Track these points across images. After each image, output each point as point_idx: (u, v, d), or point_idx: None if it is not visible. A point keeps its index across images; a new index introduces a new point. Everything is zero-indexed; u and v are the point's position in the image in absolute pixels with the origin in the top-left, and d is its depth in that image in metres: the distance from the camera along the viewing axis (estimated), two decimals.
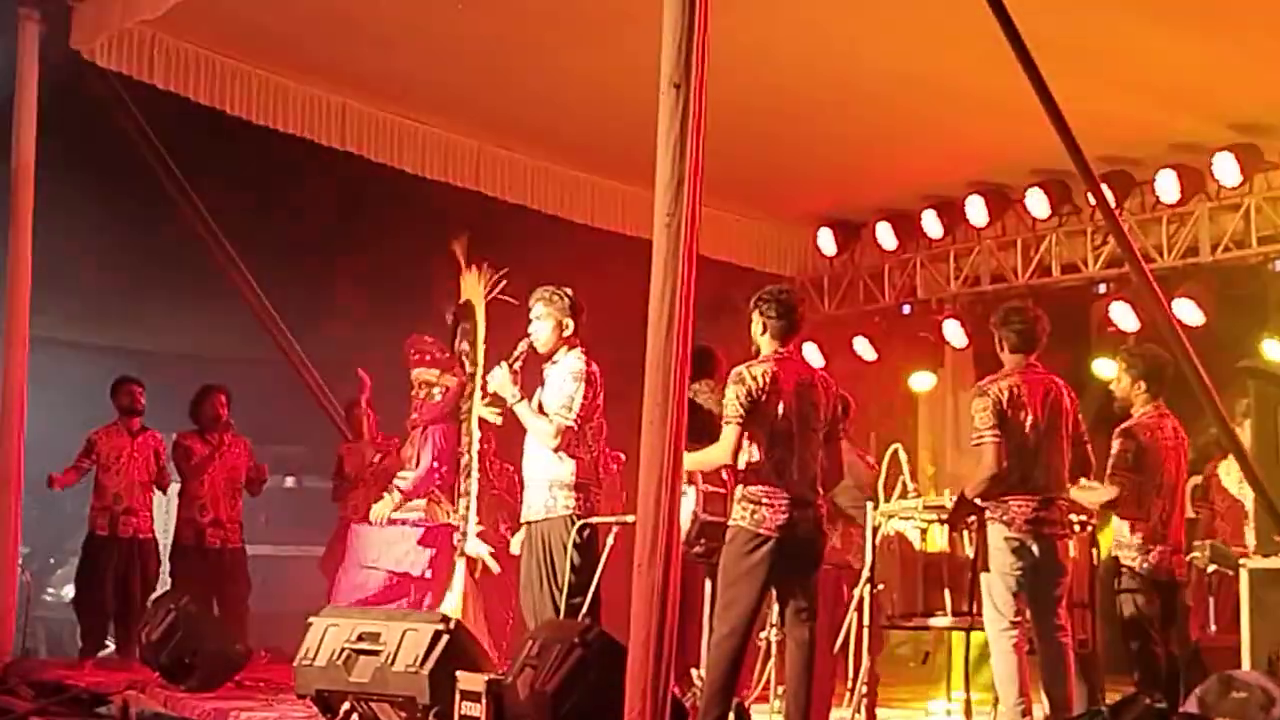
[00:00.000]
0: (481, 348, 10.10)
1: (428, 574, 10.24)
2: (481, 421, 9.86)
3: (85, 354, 14.63)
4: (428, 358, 10.81)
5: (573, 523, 8.39)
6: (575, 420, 8.42)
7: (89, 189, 12.38)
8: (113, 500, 11.81)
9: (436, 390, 10.63)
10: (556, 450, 8.46)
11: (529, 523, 8.62)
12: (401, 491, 10.41)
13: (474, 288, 10.60)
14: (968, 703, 8.22)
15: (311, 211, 12.68)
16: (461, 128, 13.00)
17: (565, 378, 8.53)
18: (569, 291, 8.74)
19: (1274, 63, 10.68)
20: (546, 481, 8.52)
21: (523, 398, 8.61)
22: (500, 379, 8.74)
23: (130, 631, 11.26)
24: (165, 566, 12.30)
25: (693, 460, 7.58)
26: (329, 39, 11.29)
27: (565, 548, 8.34)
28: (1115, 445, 8.66)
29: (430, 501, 10.53)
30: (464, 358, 10.58)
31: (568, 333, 8.67)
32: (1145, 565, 8.61)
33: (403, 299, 12.44)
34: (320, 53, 11.58)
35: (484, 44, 11.10)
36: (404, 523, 10.41)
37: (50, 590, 15.26)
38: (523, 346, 8.76)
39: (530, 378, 8.78)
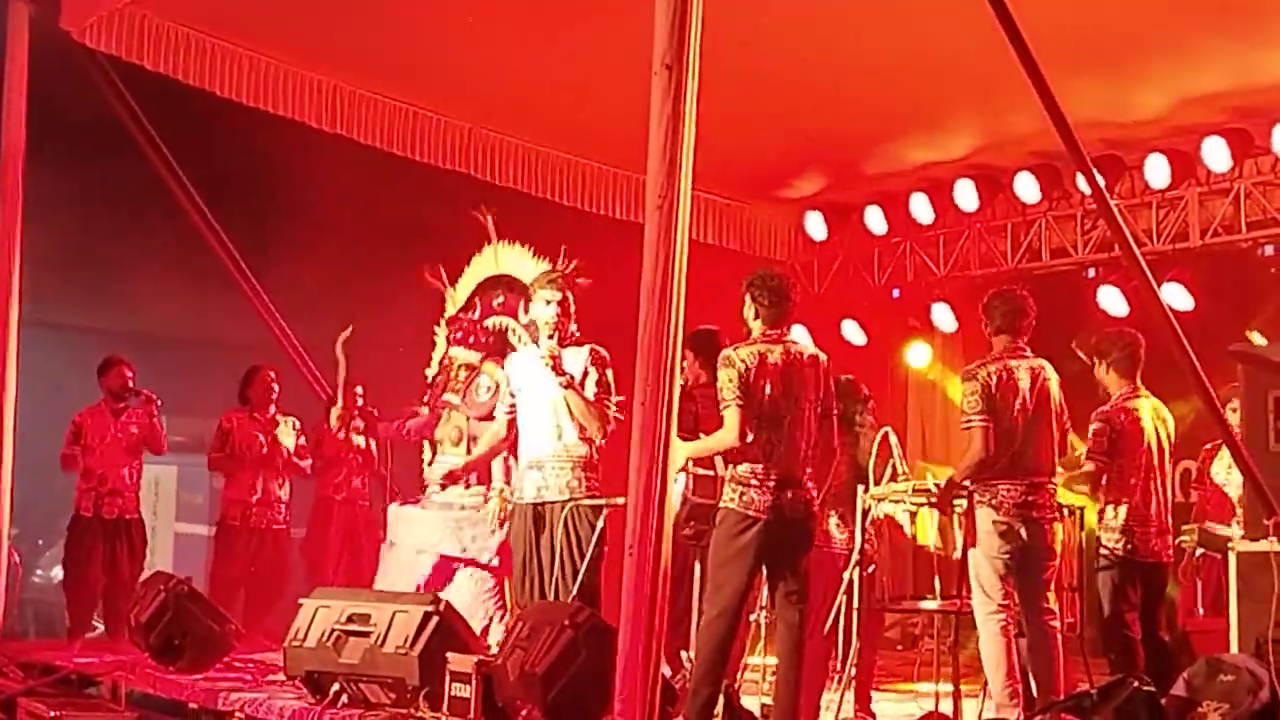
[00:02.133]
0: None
1: (495, 561, 10.27)
2: None
3: (72, 335, 14.58)
4: (471, 339, 10.80)
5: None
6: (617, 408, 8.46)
7: (78, 170, 12.35)
8: (98, 481, 11.78)
9: (485, 382, 10.58)
10: (604, 440, 8.49)
11: (545, 503, 8.53)
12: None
13: (521, 265, 10.60)
14: (956, 686, 8.22)
15: (301, 193, 12.64)
16: (452, 110, 12.98)
17: (591, 367, 8.52)
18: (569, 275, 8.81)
19: (1264, 47, 10.71)
20: (569, 463, 8.49)
21: (571, 383, 8.52)
22: (542, 364, 8.58)
23: (119, 612, 11.24)
24: (153, 545, 12.32)
25: (699, 446, 7.64)
26: (319, 20, 11.25)
27: (593, 528, 8.34)
28: (1091, 430, 8.70)
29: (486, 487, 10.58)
30: (511, 333, 10.62)
31: (572, 315, 8.68)
32: (1129, 547, 8.65)
33: (390, 280, 12.42)
34: (310, 34, 11.55)
35: (475, 26, 11.07)
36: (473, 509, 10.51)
37: (39, 571, 15.23)
38: (547, 330, 8.67)
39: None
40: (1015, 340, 8.18)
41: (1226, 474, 10.07)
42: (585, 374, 8.47)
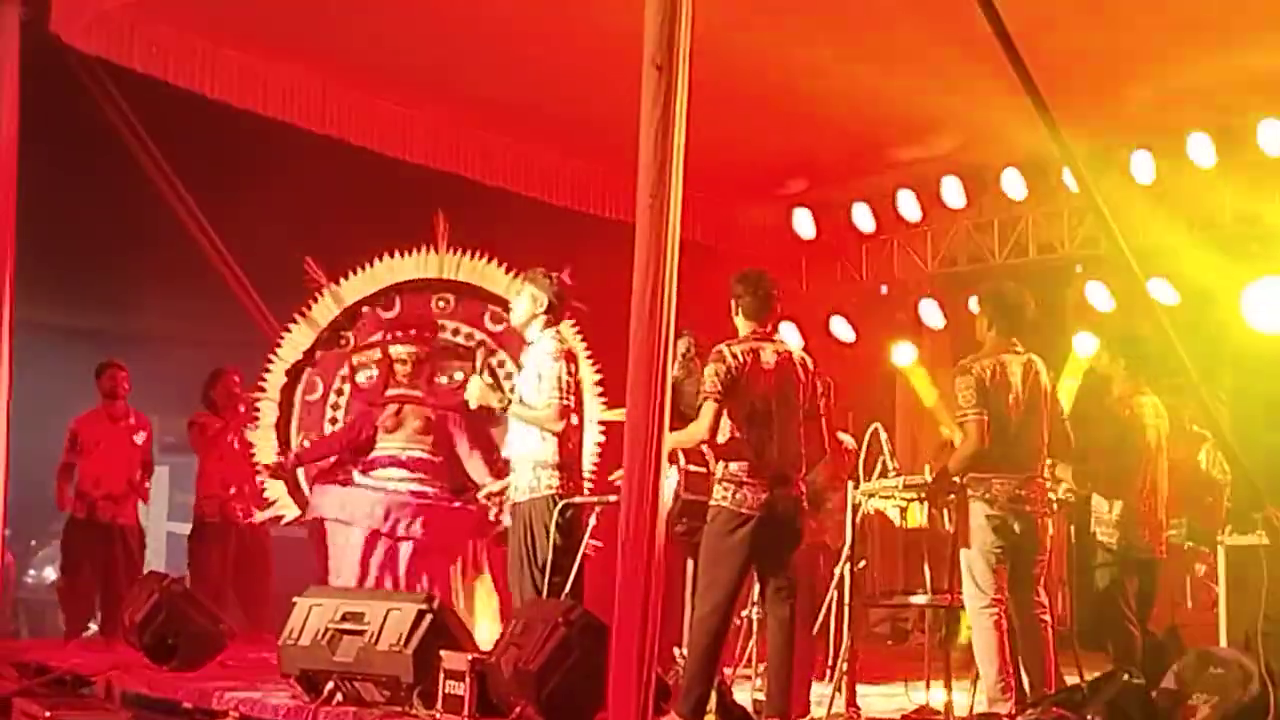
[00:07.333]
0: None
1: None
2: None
3: (67, 337, 14.59)
4: (400, 334, 10.86)
5: (555, 502, 8.43)
6: (570, 397, 8.47)
7: (70, 173, 12.35)
8: (92, 485, 11.79)
9: (459, 373, 10.65)
10: (564, 430, 8.50)
11: (515, 504, 8.65)
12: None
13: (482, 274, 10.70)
14: (948, 680, 8.26)
15: (293, 194, 12.65)
16: (442, 110, 12.99)
17: (545, 359, 8.57)
18: (555, 275, 8.82)
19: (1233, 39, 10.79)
20: (530, 462, 8.56)
21: (509, 400, 8.64)
22: (479, 391, 8.75)
23: (114, 613, 11.28)
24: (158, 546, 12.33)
25: (672, 438, 7.64)
26: (308, 21, 11.27)
27: (547, 527, 8.38)
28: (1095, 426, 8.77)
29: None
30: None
31: (541, 308, 8.71)
32: (1125, 542, 8.71)
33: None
34: (299, 35, 11.56)
35: (464, 25, 11.10)
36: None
37: (32, 572, 15.25)
38: (482, 356, 8.82)
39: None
40: (1010, 336, 8.22)
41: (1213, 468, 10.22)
42: (540, 374, 8.58)
